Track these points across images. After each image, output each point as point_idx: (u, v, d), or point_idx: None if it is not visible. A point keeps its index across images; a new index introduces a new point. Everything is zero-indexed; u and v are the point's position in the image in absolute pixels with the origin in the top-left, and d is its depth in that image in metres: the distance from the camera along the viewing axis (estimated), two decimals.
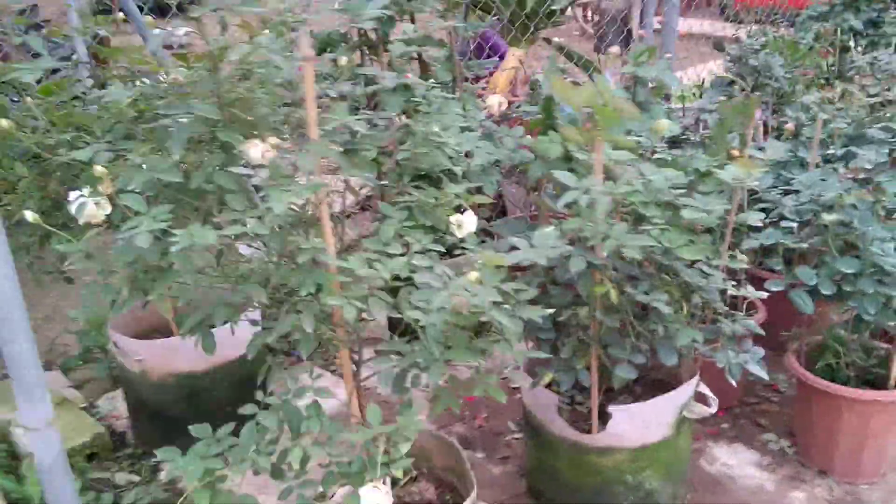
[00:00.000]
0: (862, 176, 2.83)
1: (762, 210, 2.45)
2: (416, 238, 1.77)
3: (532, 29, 4.45)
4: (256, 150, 1.71)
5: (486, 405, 3.00)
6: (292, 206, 1.72)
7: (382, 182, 1.92)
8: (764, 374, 2.06)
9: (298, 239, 1.58)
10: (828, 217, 2.32)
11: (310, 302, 1.59)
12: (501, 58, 5.14)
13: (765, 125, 3.68)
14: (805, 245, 2.39)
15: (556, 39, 4.39)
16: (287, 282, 1.58)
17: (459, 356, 1.59)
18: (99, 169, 1.49)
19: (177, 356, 2.70)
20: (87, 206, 1.64)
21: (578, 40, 8.75)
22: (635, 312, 2.10)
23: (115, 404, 3.09)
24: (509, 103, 3.01)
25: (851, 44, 4.75)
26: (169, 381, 2.71)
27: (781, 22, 5.59)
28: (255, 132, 1.75)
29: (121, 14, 2.50)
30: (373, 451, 1.67)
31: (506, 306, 1.58)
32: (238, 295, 1.60)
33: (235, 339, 2.81)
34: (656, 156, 2.35)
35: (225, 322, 1.67)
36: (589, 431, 2.31)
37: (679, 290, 2.09)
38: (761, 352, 2.17)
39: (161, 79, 2.03)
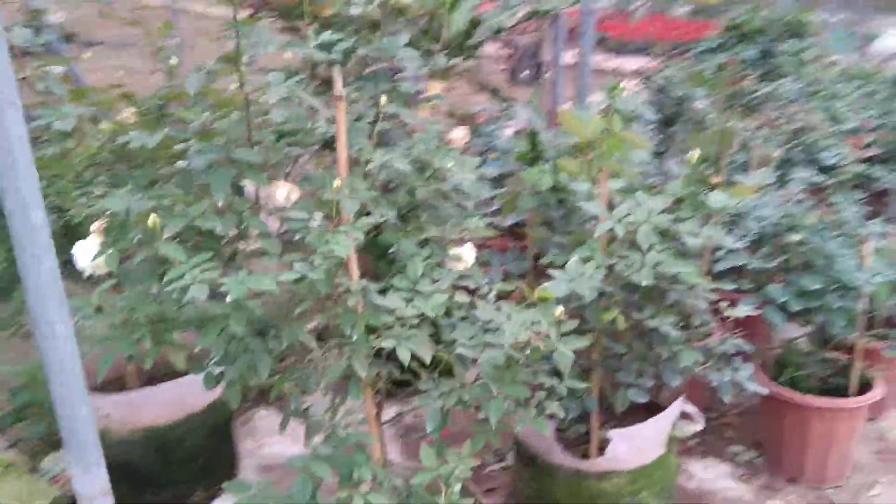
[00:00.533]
0: (798, 198, 3.03)
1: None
2: (442, 274, 1.76)
3: (452, 61, 4.50)
4: (282, 191, 1.66)
5: (459, 439, 2.98)
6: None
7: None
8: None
9: (346, 281, 1.54)
10: (793, 237, 2.46)
11: (359, 344, 1.54)
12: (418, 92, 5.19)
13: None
14: (772, 265, 2.52)
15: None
16: (339, 325, 1.53)
17: (513, 391, 1.58)
18: (153, 219, 1.40)
19: (143, 410, 2.55)
20: (103, 257, 1.54)
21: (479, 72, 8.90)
22: (638, 337, 2.15)
23: (64, 465, 2.87)
24: None
25: (748, 73, 5.06)
26: (135, 436, 2.56)
27: (678, 54, 5.89)
28: (275, 173, 1.70)
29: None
30: (422, 494, 1.63)
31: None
32: (284, 341, 1.54)
33: (202, 388, 2.71)
34: None
35: (274, 374, 1.59)
36: (584, 457, 2.34)
37: (677, 314, 2.16)
38: (751, 368, 2.28)
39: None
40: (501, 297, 1.86)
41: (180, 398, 2.62)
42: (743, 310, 2.28)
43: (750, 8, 5.59)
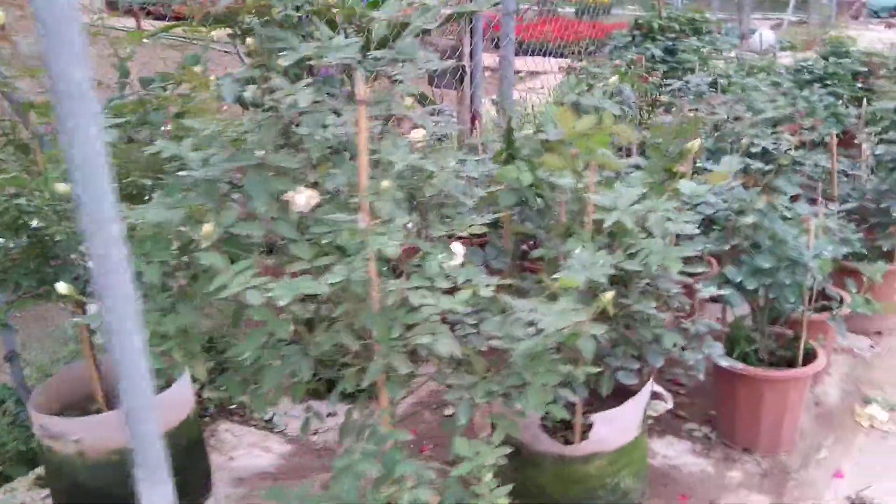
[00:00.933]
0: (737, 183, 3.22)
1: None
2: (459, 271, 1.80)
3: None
4: (302, 197, 1.67)
5: (428, 436, 3.03)
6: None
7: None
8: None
9: (377, 281, 1.56)
10: (745, 220, 2.63)
11: (398, 342, 1.56)
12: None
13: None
14: (727, 248, 2.69)
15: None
16: (376, 326, 1.55)
17: (546, 378, 1.64)
18: (207, 228, 1.37)
19: (118, 431, 2.46)
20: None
21: None
22: (623, 321, 2.25)
23: (21, 497, 2.74)
24: None
25: (656, 69, 5.31)
26: (111, 459, 2.47)
27: (584, 53, 6.11)
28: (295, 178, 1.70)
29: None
30: (454, 485, 1.67)
31: None
32: (324, 346, 1.54)
33: (177, 404, 2.65)
34: None
35: (311, 380, 1.59)
36: (566, 443, 2.43)
37: (655, 298, 2.28)
38: (720, 345, 2.42)
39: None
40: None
41: (159, 412, 2.55)
42: (709, 290, 2.42)
43: (650, 7, 5.88)
